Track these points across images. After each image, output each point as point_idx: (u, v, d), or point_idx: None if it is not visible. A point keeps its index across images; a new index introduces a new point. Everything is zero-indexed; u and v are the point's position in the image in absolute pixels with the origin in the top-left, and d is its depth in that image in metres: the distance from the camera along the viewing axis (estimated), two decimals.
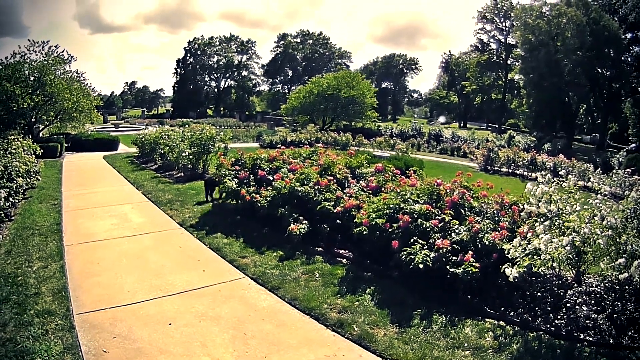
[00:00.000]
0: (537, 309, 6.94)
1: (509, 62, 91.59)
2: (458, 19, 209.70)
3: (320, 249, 9.94)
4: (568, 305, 6.89)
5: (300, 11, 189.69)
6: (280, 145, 32.35)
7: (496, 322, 6.89)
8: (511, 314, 7.00)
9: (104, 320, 6.85)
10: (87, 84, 34.07)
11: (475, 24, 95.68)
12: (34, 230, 11.05)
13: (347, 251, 9.69)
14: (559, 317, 6.71)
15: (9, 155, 14.39)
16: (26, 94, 28.54)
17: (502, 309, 7.12)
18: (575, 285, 7.42)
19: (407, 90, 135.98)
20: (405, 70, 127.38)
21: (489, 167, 29.12)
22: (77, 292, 7.76)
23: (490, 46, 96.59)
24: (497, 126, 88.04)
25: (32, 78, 30.52)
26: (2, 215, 11.13)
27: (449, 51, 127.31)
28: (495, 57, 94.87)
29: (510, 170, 28.34)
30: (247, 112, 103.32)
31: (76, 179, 19.20)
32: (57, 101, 30.52)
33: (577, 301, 6.93)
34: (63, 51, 31.89)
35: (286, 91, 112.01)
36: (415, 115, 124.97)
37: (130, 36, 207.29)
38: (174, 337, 6.47)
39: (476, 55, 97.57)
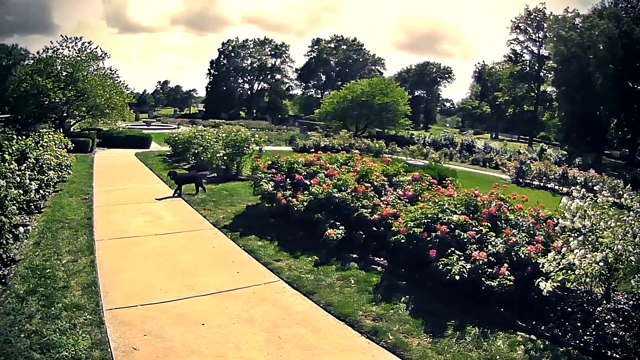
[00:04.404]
0: (567, 324, 7.01)
1: (541, 73, 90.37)
2: (487, 26, 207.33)
3: (354, 255, 9.95)
4: (597, 321, 6.93)
5: (322, 17, 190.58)
6: (313, 150, 32.56)
7: (527, 335, 6.90)
8: (542, 328, 7.06)
9: (134, 317, 6.85)
10: (120, 81, 34.86)
11: (509, 34, 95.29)
12: (63, 223, 11.14)
13: (382, 259, 9.73)
14: (587, 333, 6.76)
15: (40, 148, 14.57)
16: (58, 89, 29.09)
17: (534, 322, 7.19)
18: (604, 301, 7.41)
19: (440, 99, 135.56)
20: (438, 79, 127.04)
21: (521, 180, 29.26)
22: (107, 287, 7.79)
23: (524, 57, 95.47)
24: (528, 138, 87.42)
25: (64, 73, 31.25)
26: (32, 207, 11.23)
27: (482, 61, 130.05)
28: (528, 69, 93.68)
29: (541, 184, 28.49)
30: (279, 116, 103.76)
31: (107, 174, 19.43)
32: (90, 97, 31.19)
33: (606, 318, 6.98)
34: (96, 48, 32.81)
35: (319, 96, 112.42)
36: (447, 125, 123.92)
37: (159, 37, 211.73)
38: (206, 338, 6.44)
39: (509, 66, 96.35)
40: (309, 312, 7.48)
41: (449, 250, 8.14)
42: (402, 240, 8.89)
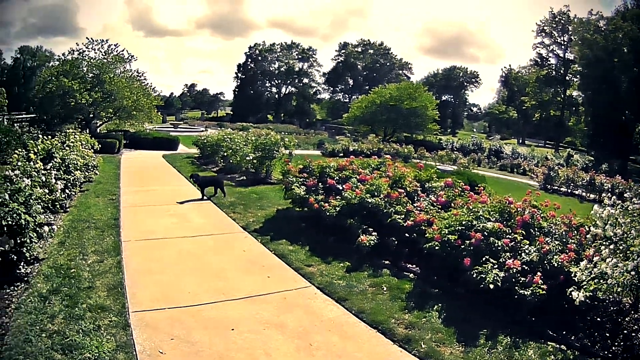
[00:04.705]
0: (596, 334, 6.98)
1: (567, 77, 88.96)
2: (513, 29, 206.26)
3: (386, 261, 9.84)
4: (625, 332, 6.84)
5: (348, 21, 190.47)
6: (341, 154, 33.20)
7: (557, 345, 6.84)
8: (572, 337, 7.04)
9: (161, 320, 6.73)
10: (147, 83, 35.32)
11: (535, 37, 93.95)
12: (90, 223, 11.10)
13: (414, 265, 9.67)
14: (616, 343, 6.70)
15: (66, 148, 14.62)
16: (84, 90, 29.51)
17: (564, 332, 7.17)
18: (632, 312, 7.18)
19: (467, 103, 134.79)
20: (465, 84, 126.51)
21: (549, 186, 29.28)
22: (134, 289, 7.69)
23: (550, 61, 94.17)
24: (554, 143, 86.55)
25: (90, 75, 31.73)
26: (58, 206, 11.18)
27: (509, 65, 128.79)
28: (554, 72, 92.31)
29: (568, 190, 28.54)
30: (306, 120, 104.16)
31: (135, 175, 19.54)
32: (116, 99, 31.52)
33: (633, 328, 6.85)
34: (123, 50, 33.27)
35: (347, 100, 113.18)
36: (474, 130, 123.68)
37: (185, 40, 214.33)
38: (236, 343, 6.29)
39: (535, 70, 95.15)
40: (340, 319, 7.36)
41: (484, 259, 8.07)
42: (437, 248, 8.76)
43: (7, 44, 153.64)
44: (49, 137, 15.15)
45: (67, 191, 12.28)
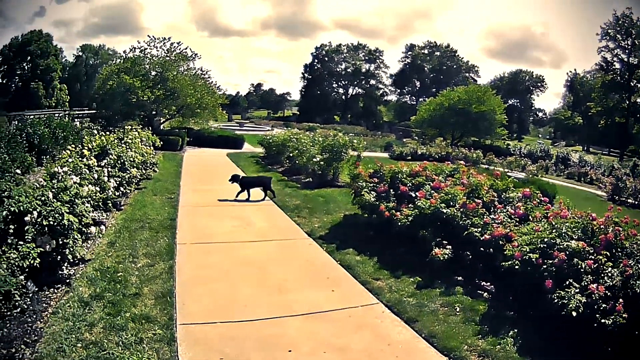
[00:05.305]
0: None
1: (632, 83, 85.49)
2: (578, 33, 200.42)
3: (459, 278, 9.25)
4: None
5: (414, 23, 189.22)
6: (409, 158, 33.46)
7: None
8: None
9: (211, 335, 6.33)
10: (212, 81, 35.82)
11: (599, 41, 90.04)
12: (144, 223, 10.84)
13: (488, 283, 9.12)
14: None
15: (123, 145, 14.49)
16: (146, 87, 30.15)
17: None
18: None
19: (532, 108, 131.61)
20: (531, 88, 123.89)
21: (616, 197, 27.94)
22: (185, 298, 7.28)
23: (615, 65, 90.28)
24: (619, 151, 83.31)
25: (153, 73, 32.53)
26: (110, 205, 10.83)
27: (574, 69, 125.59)
28: (618, 78, 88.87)
29: (636, 202, 27.24)
30: (373, 121, 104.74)
31: (196, 174, 19.53)
32: (180, 96, 32.07)
33: None
34: (186, 48, 33.88)
35: (413, 102, 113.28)
36: (540, 135, 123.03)
37: (250, 41, 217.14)
38: None
39: (600, 75, 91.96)
40: (410, 344, 6.79)
41: (567, 282, 7.40)
42: (517, 267, 8.09)
43: (68, 42, 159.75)
44: (106, 133, 15.11)
45: (121, 189, 12.06)
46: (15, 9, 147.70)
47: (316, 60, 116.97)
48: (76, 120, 27.18)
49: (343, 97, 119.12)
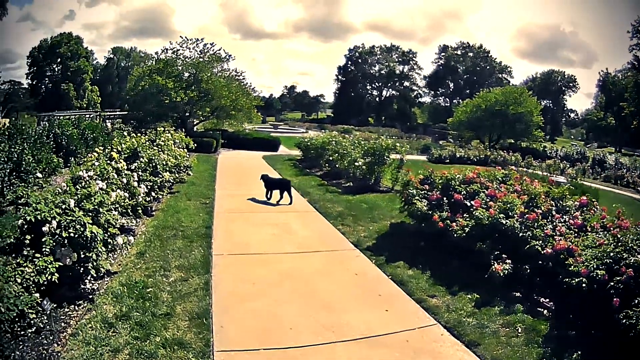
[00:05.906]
0: None
1: None
2: (608, 31, 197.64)
3: (517, 294, 8.65)
4: None
5: (445, 24, 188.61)
6: (448, 161, 33.45)
7: None
8: None
9: None
10: (246, 83, 35.73)
11: (630, 39, 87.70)
12: (177, 231, 10.26)
13: (547, 300, 8.52)
14: None
15: (155, 148, 13.98)
16: (179, 89, 30.11)
17: None
18: None
19: (565, 109, 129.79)
20: (563, 88, 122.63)
21: None
22: (222, 319, 6.61)
23: None
24: None
25: (186, 74, 32.67)
26: (140, 211, 10.24)
27: (606, 69, 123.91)
28: None
29: None
30: (407, 124, 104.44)
31: (232, 177, 19.18)
32: (214, 98, 32.06)
33: None
34: (220, 49, 33.90)
35: (447, 104, 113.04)
36: (572, 137, 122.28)
37: (282, 43, 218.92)
38: None
39: (632, 74, 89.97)
40: None
41: (636, 300, 6.80)
42: (585, 284, 7.41)
43: (99, 45, 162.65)
44: (138, 134, 14.59)
45: (152, 194, 11.57)
46: (45, 12, 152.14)
47: (350, 62, 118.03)
48: (107, 121, 27.39)
49: (377, 99, 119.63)
